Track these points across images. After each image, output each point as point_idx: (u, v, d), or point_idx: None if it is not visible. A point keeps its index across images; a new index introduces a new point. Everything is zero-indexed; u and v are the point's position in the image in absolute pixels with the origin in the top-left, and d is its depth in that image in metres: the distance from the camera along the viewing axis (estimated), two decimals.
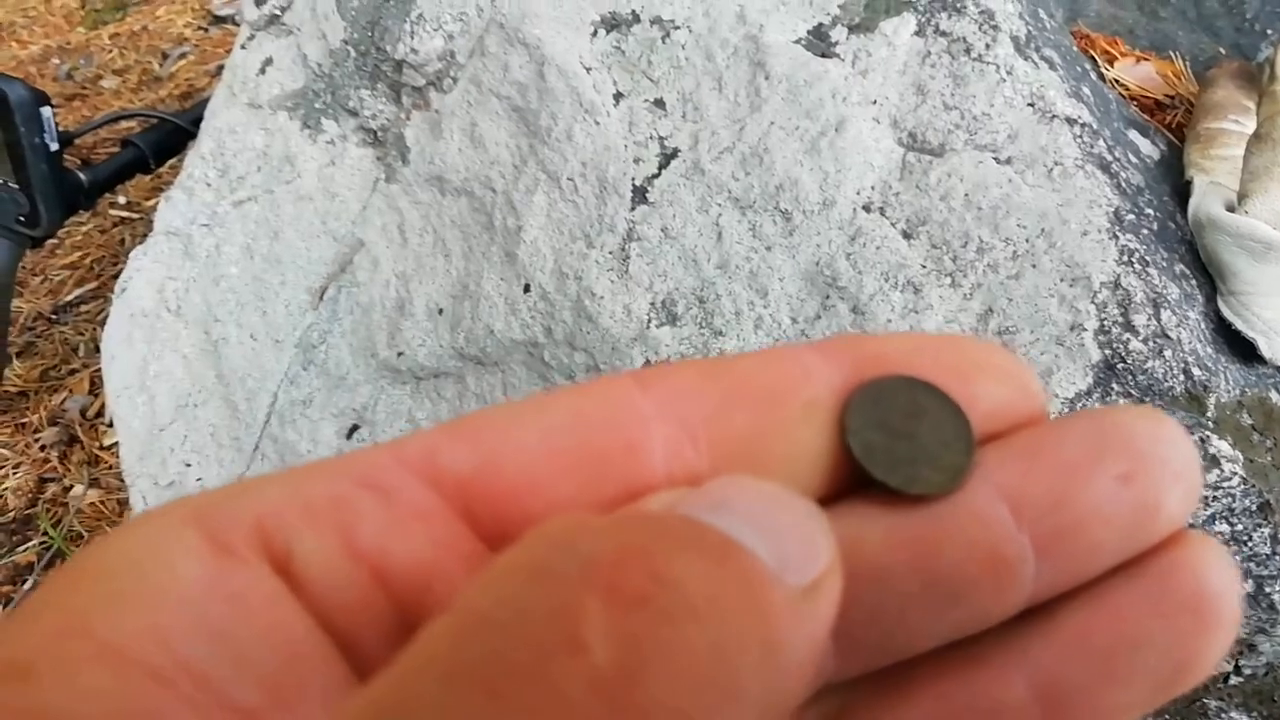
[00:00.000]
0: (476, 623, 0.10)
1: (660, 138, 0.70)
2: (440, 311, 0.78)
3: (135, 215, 1.41)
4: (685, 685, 0.10)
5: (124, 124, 1.28)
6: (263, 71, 0.90)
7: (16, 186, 0.98)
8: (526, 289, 0.73)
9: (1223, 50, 0.80)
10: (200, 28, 1.76)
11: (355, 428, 0.80)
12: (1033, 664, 0.15)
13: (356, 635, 0.13)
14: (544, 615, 0.10)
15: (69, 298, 1.33)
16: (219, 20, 1.75)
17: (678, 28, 0.72)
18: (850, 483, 0.15)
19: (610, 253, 0.70)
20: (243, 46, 0.92)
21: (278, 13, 0.90)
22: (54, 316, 1.31)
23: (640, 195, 0.70)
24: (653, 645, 0.10)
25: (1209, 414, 0.54)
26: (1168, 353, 0.54)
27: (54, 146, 0.97)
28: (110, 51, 1.74)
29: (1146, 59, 0.78)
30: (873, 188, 0.64)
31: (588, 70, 0.73)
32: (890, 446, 0.15)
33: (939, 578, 0.14)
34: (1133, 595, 0.15)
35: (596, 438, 0.14)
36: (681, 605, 0.10)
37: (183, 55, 1.70)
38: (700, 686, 0.10)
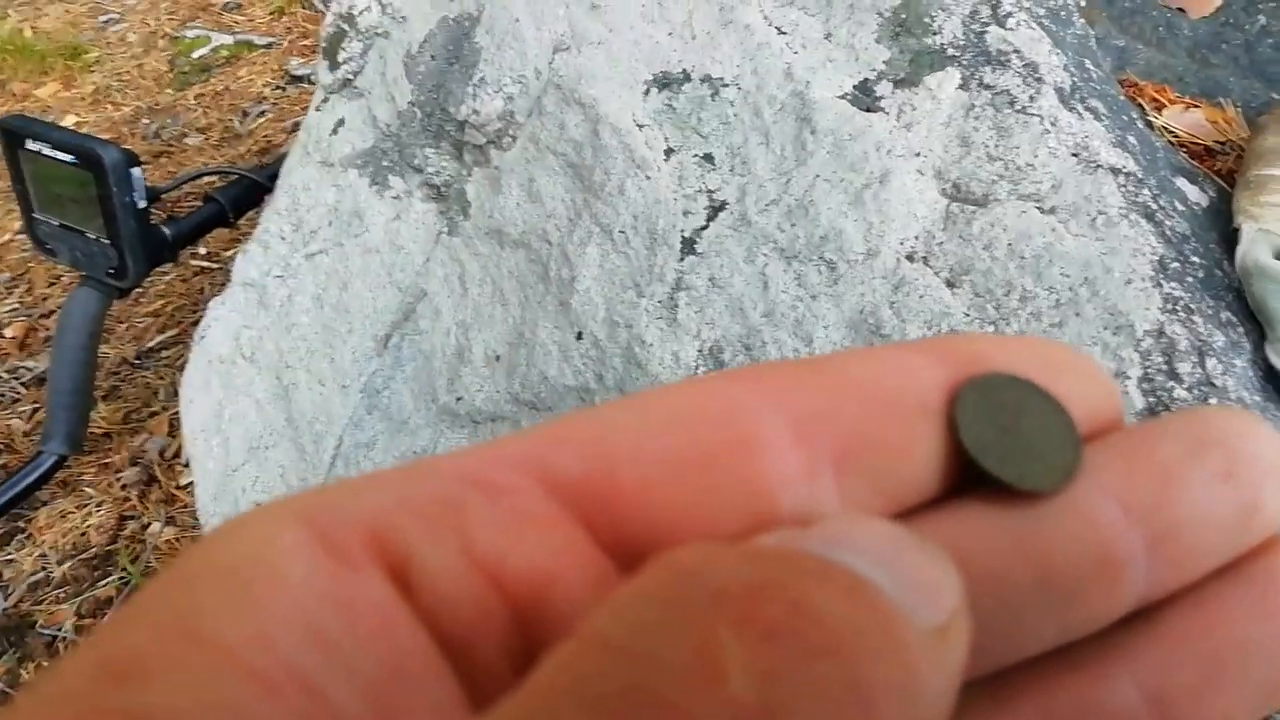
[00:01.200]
0: (610, 652, 0.10)
1: (709, 191, 0.73)
2: (497, 358, 0.81)
3: (215, 265, 1.49)
4: (839, 707, 0.10)
5: (205, 179, 1.36)
6: (335, 132, 0.95)
7: (108, 241, 1.05)
8: (579, 336, 0.76)
9: (1275, 96, 0.79)
10: (278, 87, 1.85)
11: None
12: (1141, 668, 0.14)
13: (471, 645, 0.13)
14: (680, 646, 0.10)
15: (151, 344, 1.40)
16: (295, 79, 1.85)
17: (727, 85, 0.74)
18: (959, 481, 0.15)
19: (659, 302, 0.72)
20: (317, 109, 0.98)
21: (350, 77, 0.95)
22: (137, 361, 1.38)
23: (689, 246, 0.72)
24: (792, 679, 0.10)
25: None
26: (1213, 401, 0.54)
27: (142, 204, 1.04)
28: (195, 111, 1.84)
29: (1196, 105, 0.79)
30: (916, 237, 0.66)
31: (640, 127, 0.76)
32: (1000, 442, 0.14)
33: (1053, 577, 0.14)
34: (1239, 599, 0.14)
35: (708, 434, 0.14)
36: (820, 639, 0.10)
37: (261, 113, 1.80)
38: (861, 716, 0.10)
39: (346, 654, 0.11)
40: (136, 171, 1.03)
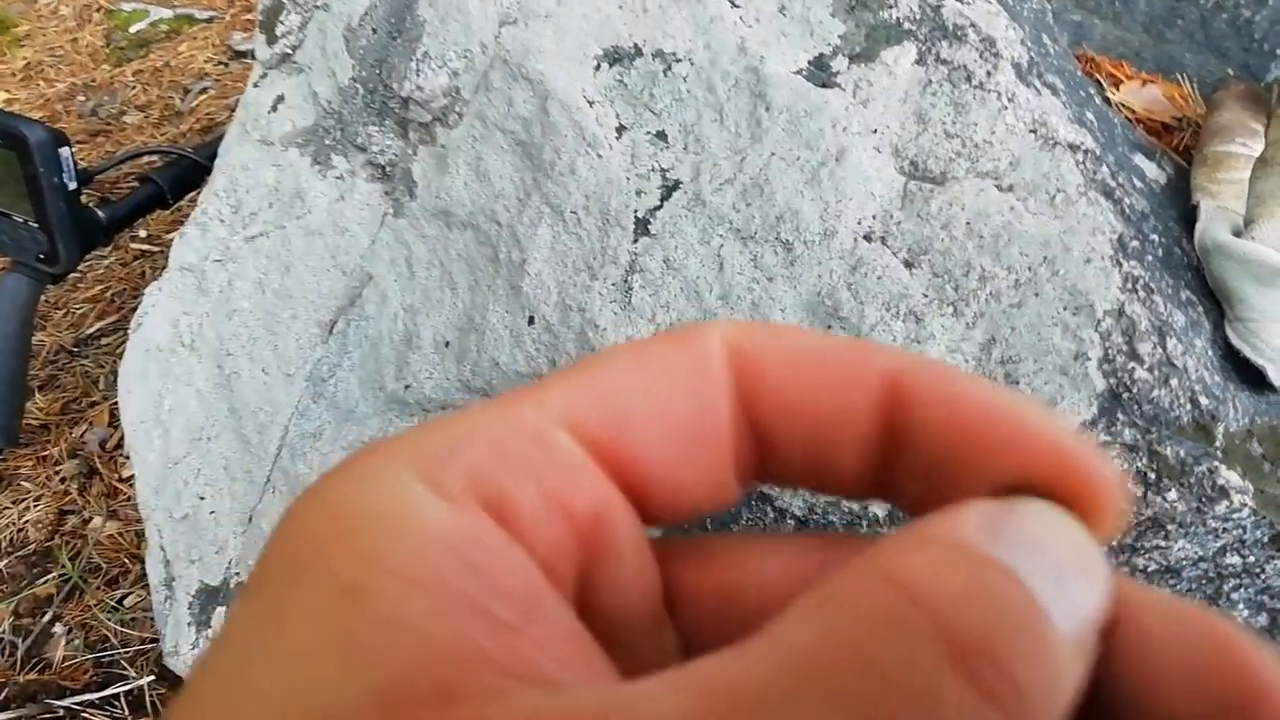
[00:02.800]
0: (851, 661, 0.12)
1: (662, 170, 0.71)
2: (447, 344, 0.78)
3: (156, 249, 1.44)
4: None
5: (145, 159, 1.30)
6: (274, 109, 0.92)
7: (36, 225, 1.00)
8: (531, 321, 0.73)
9: (1230, 71, 0.79)
10: (220, 63, 1.79)
11: None
12: None
13: (555, 574, 0.15)
14: (913, 675, 0.12)
15: (90, 331, 1.35)
16: (238, 55, 1.78)
17: (679, 60, 0.72)
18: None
19: (613, 285, 0.70)
20: (255, 85, 0.94)
21: (289, 51, 0.92)
22: (75, 350, 1.33)
23: (643, 227, 0.70)
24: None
25: (1217, 444, 0.53)
26: (1174, 381, 0.53)
27: (72, 185, 0.99)
28: (134, 88, 1.77)
29: (1153, 81, 0.78)
30: (874, 217, 0.64)
31: (590, 104, 0.74)
32: None
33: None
34: None
35: (700, 412, 0.17)
36: (1015, 702, 0.12)
37: (203, 90, 1.74)
38: None
39: (491, 576, 0.14)
40: (65, 151, 0.98)
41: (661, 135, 0.71)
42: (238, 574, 0.88)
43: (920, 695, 0.12)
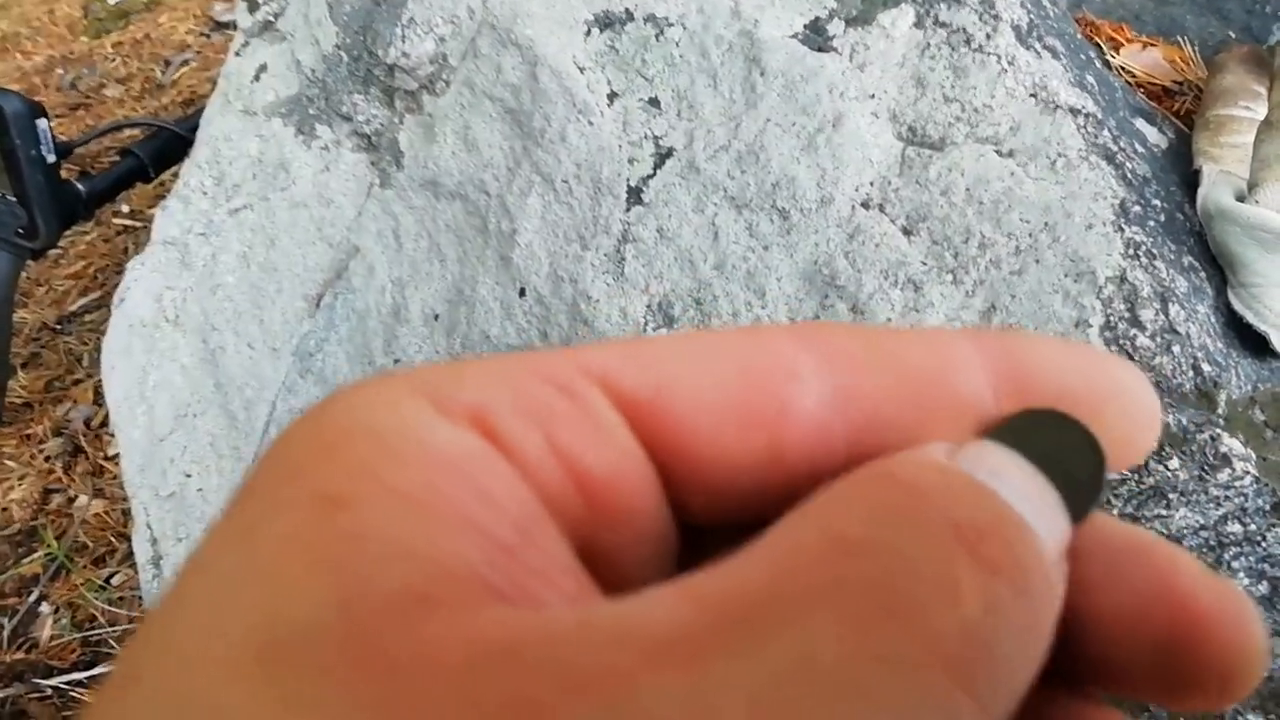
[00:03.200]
0: (860, 555, 0.12)
1: (655, 137, 0.69)
2: (436, 317, 0.77)
3: (139, 224, 1.41)
4: (1020, 648, 0.12)
5: (126, 133, 1.28)
6: (257, 78, 0.90)
7: (15, 199, 0.98)
8: (522, 293, 0.72)
9: (1232, 34, 0.78)
10: (202, 34, 1.76)
11: None
12: None
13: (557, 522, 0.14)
14: (926, 565, 0.12)
15: (73, 308, 1.33)
16: (220, 26, 1.75)
17: (671, 25, 0.70)
18: None
19: (605, 255, 0.69)
20: (237, 53, 0.92)
21: (271, 19, 0.89)
22: (58, 326, 1.31)
23: (635, 196, 0.69)
24: (1005, 610, 0.12)
25: (1220, 411, 0.52)
26: (1176, 348, 0.53)
27: (51, 158, 0.97)
28: (113, 60, 1.74)
29: (1153, 44, 0.77)
30: (871, 184, 0.63)
31: (581, 70, 0.72)
32: None
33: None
34: None
35: (758, 387, 0.15)
36: (1024, 583, 0.12)
37: (185, 62, 1.70)
38: (1027, 652, 0.12)
39: (494, 500, 0.13)
40: (43, 123, 0.96)
41: (654, 102, 0.70)
42: None
43: (935, 577, 0.12)
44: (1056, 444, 0.15)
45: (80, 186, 1.04)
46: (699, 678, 0.11)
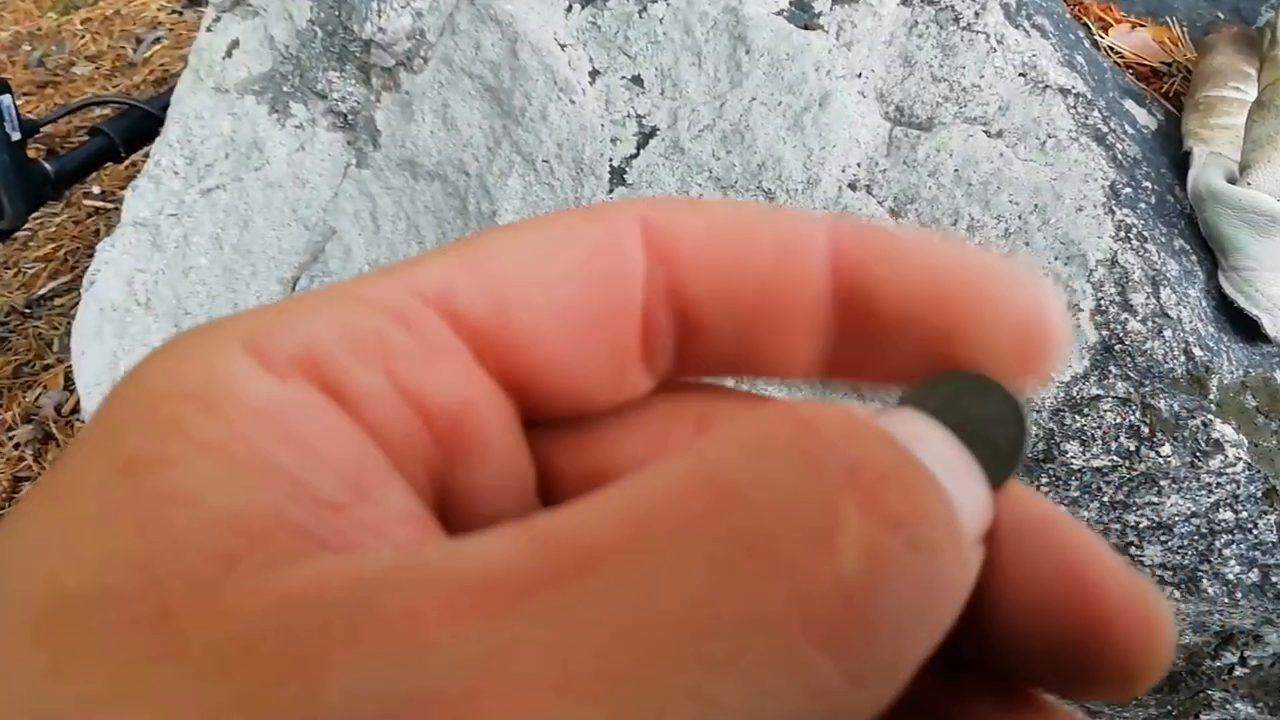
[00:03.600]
0: (725, 494, 0.10)
1: (638, 116, 0.68)
2: None
3: (110, 205, 1.38)
4: (911, 615, 0.11)
5: (96, 112, 1.25)
6: (229, 55, 0.87)
7: None
8: None
9: (1221, 15, 0.77)
10: (174, 11, 1.72)
11: None
12: None
13: (401, 466, 0.13)
14: (803, 507, 0.10)
15: (42, 291, 1.30)
16: (193, 3, 1.71)
17: (655, 1, 0.69)
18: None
19: None
20: (209, 29, 0.89)
21: None
22: (27, 310, 1.28)
23: (618, 176, 0.67)
24: (895, 567, 0.10)
25: (1211, 396, 0.51)
26: (1167, 332, 0.52)
27: (15, 136, 0.94)
28: (83, 37, 1.70)
29: (1142, 25, 0.76)
30: (859, 164, 0.62)
31: (562, 47, 0.70)
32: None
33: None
34: None
35: (596, 290, 0.14)
36: (926, 539, 0.11)
37: (157, 40, 1.67)
38: (922, 622, 0.11)
39: (315, 451, 0.12)
40: (6, 99, 0.93)
41: (637, 80, 0.68)
42: None
43: (811, 523, 0.10)
44: (976, 406, 0.14)
45: (48, 166, 1.01)
46: (501, 629, 0.09)
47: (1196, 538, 0.51)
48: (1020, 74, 0.61)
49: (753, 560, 0.10)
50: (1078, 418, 0.52)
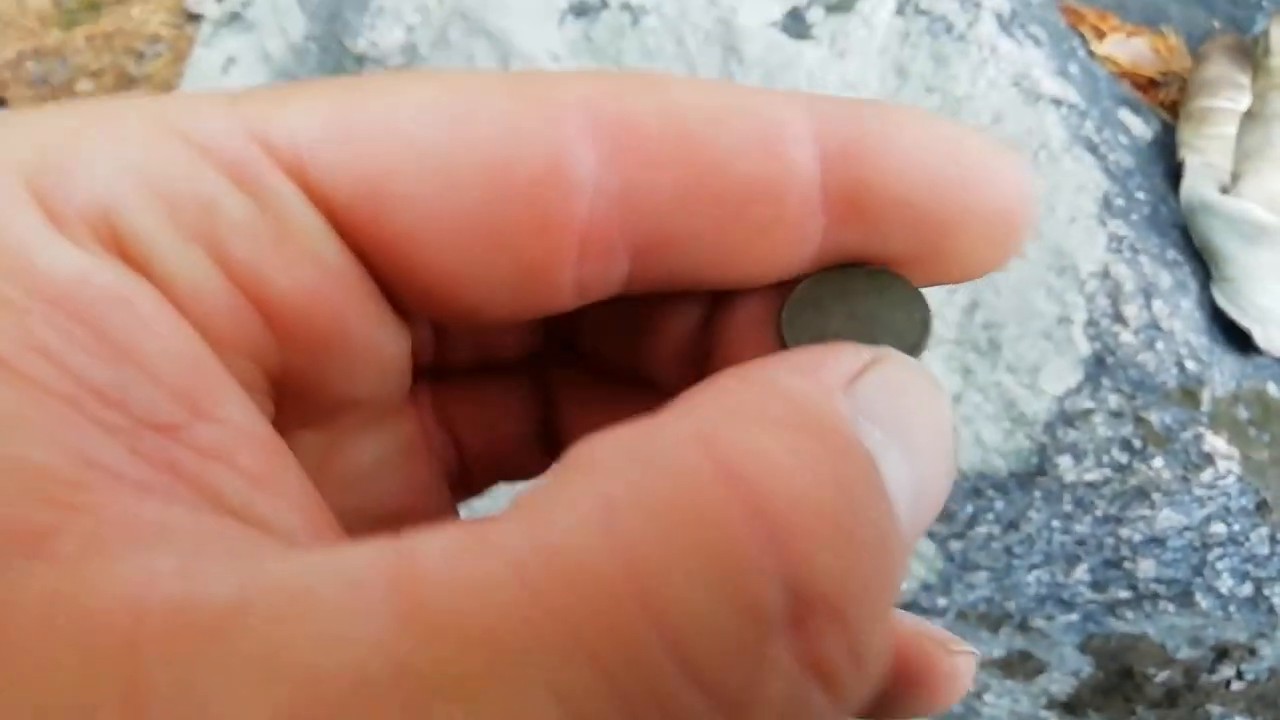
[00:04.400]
0: (643, 594, 0.09)
1: None
2: None
3: None
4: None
5: None
6: (225, 71, 0.87)
7: None
8: None
9: (1217, 24, 0.77)
10: (175, 25, 1.73)
11: None
12: None
13: (234, 371, 0.11)
14: (728, 650, 0.09)
15: None
16: (193, 18, 1.72)
17: (647, 13, 0.69)
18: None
19: None
20: (205, 45, 0.90)
21: (239, 9, 0.87)
22: None
23: None
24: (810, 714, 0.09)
25: (1203, 408, 0.51)
26: (1160, 345, 0.52)
27: None
28: (85, 54, 1.71)
29: (1139, 34, 0.75)
30: None
31: (555, 60, 0.70)
32: (844, 328, 0.14)
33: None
34: None
35: (516, 193, 0.11)
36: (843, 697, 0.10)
37: (158, 55, 1.68)
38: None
39: (138, 358, 0.09)
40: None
41: None
42: None
43: (731, 679, 0.09)
44: (878, 298, 0.14)
45: None
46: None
47: (1190, 551, 0.51)
48: (1013, 84, 0.61)
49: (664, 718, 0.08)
50: (1070, 431, 0.51)
